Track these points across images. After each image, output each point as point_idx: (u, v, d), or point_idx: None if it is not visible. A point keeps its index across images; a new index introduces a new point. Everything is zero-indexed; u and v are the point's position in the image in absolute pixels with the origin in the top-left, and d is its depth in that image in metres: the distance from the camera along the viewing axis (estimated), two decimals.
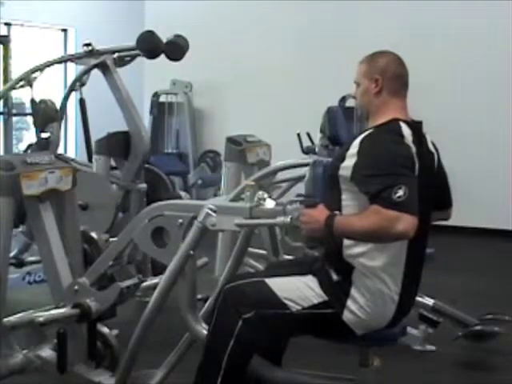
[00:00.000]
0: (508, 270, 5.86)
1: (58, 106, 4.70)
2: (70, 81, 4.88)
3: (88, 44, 4.48)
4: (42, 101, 4.84)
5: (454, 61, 7.33)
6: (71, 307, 2.73)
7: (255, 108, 8.17)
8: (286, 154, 4.23)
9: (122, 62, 4.60)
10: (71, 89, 4.59)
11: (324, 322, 2.44)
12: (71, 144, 9.75)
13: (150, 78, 8.58)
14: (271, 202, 2.46)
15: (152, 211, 2.64)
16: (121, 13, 9.83)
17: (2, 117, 6.49)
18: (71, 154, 9.11)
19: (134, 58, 4.64)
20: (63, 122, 5.07)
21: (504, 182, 7.09)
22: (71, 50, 9.30)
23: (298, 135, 7.00)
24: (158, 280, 2.72)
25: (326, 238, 2.36)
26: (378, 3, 7.53)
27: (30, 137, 8.77)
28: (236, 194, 3.10)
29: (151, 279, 3.91)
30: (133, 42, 4.43)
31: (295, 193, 3.03)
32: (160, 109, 8.70)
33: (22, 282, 4.33)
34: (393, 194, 2.20)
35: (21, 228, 4.29)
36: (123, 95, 4.50)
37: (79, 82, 4.51)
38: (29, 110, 5.34)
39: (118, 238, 2.78)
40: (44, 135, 4.71)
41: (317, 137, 6.89)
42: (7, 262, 2.88)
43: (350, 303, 2.40)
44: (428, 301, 3.85)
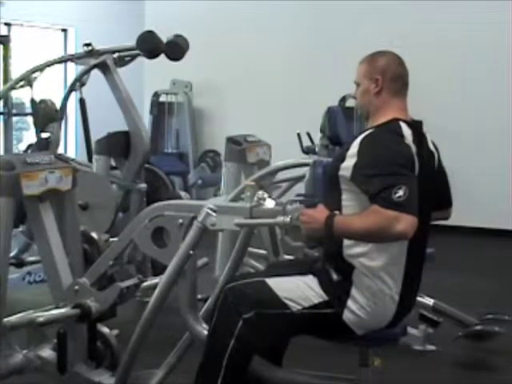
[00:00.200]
0: (508, 270, 5.86)
1: (58, 106, 4.71)
2: (70, 81, 4.87)
3: (88, 44, 4.48)
4: (42, 101, 4.85)
5: (454, 61, 7.33)
6: (71, 307, 2.72)
7: (255, 108, 8.17)
8: (285, 153, 4.22)
9: (122, 62, 4.60)
10: (71, 89, 4.58)
11: (324, 322, 2.45)
12: (71, 144, 9.75)
13: (150, 77, 8.58)
14: (271, 202, 2.46)
15: (152, 211, 2.64)
16: (121, 13, 9.83)
17: (1, 117, 6.48)
18: (71, 153, 9.12)
19: (134, 57, 4.64)
20: (63, 121, 5.08)
21: (504, 181, 7.09)
22: (71, 50, 9.31)
23: (298, 135, 7.00)
24: (158, 280, 2.72)
25: (325, 238, 2.36)
26: (378, 3, 7.53)
27: (29, 137, 8.76)
28: (236, 193, 3.10)
29: (151, 279, 3.91)
30: (133, 42, 4.43)
31: (295, 193, 3.03)
32: (160, 109, 8.70)
33: (22, 281, 4.33)
34: (392, 193, 2.20)
35: (21, 228, 4.30)
36: (123, 95, 4.50)
37: (79, 81, 4.51)
38: (29, 110, 5.35)
39: (119, 239, 2.78)
40: (44, 135, 4.72)
41: (317, 137, 6.91)
42: (7, 262, 2.88)
43: (350, 303, 2.41)
44: (428, 301, 3.85)
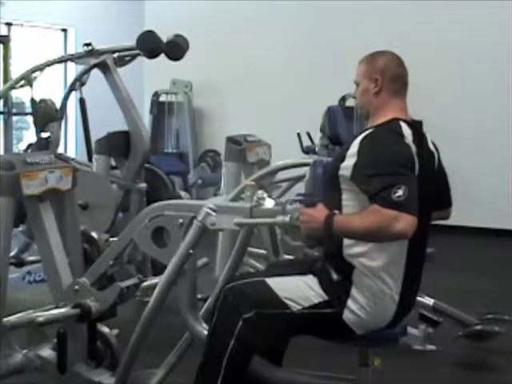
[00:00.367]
0: (508, 269, 5.86)
1: (58, 105, 4.71)
2: (70, 81, 4.87)
3: (88, 44, 4.47)
4: (42, 100, 4.84)
5: (454, 61, 7.33)
6: (71, 307, 2.72)
7: (255, 108, 8.17)
8: (285, 153, 4.22)
9: (122, 62, 4.60)
10: (71, 88, 4.58)
11: (324, 322, 2.45)
12: (71, 144, 9.75)
13: (150, 77, 8.58)
14: (270, 202, 2.46)
15: (152, 211, 2.64)
16: (121, 13, 9.83)
17: (1, 116, 6.49)
18: (71, 153, 9.11)
19: (134, 57, 4.64)
20: (63, 121, 5.08)
21: (504, 181, 7.09)
22: (71, 50, 9.30)
23: (298, 135, 7.01)
24: (158, 280, 2.72)
25: (325, 237, 2.36)
26: (378, 3, 7.53)
27: (29, 136, 8.76)
28: (236, 193, 3.10)
29: (151, 279, 3.91)
30: (133, 42, 4.43)
31: (295, 193, 3.03)
32: (160, 108, 8.70)
33: (22, 281, 4.33)
34: (392, 193, 2.20)
35: (21, 228, 4.30)
36: (123, 95, 4.50)
37: (79, 81, 4.51)
38: (29, 110, 5.35)
39: (119, 238, 2.78)
40: (44, 135, 4.71)
41: (317, 136, 6.91)
42: (7, 262, 2.88)
43: (350, 303, 2.41)
44: (428, 301, 3.85)
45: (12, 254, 4.19)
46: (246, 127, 5.06)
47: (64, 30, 9.91)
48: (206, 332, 2.58)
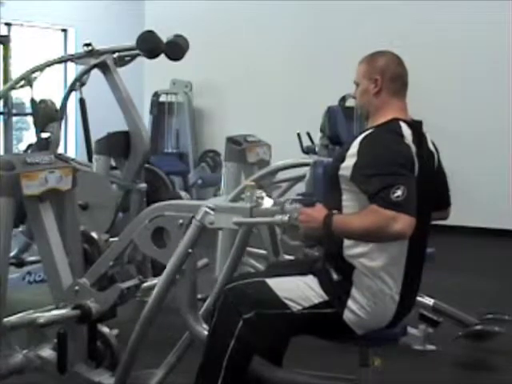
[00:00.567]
0: (508, 270, 5.86)
1: (58, 105, 4.71)
2: (70, 81, 4.87)
3: (88, 44, 4.48)
4: (42, 101, 4.85)
5: (454, 61, 7.33)
6: (72, 308, 2.72)
7: (255, 108, 8.17)
8: (285, 153, 4.21)
9: (122, 62, 4.60)
10: (71, 89, 4.58)
11: (324, 322, 2.45)
12: (71, 144, 9.75)
13: (150, 77, 8.58)
14: (269, 201, 2.46)
15: (152, 211, 2.64)
16: (121, 13, 9.83)
17: (2, 117, 6.48)
18: (71, 153, 9.12)
19: (134, 57, 4.64)
20: (63, 121, 5.08)
21: (504, 181, 7.09)
22: (71, 50, 9.31)
23: (298, 135, 7.01)
24: (158, 280, 2.72)
25: (324, 237, 2.36)
26: (378, 3, 7.53)
27: (29, 137, 8.76)
28: (236, 193, 3.09)
29: (151, 280, 3.91)
30: (133, 42, 4.43)
31: (295, 193, 3.03)
32: (160, 108, 8.70)
33: (22, 281, 4.34)
34: (391, 193, 2.20)
35: (21, 228, 4.30)
36: (123, 95, 4.50)
37: (79, 81, 4.51)
38: (29, 110, 5.35)
39: (119, 239, 2.77)
40: (44, 135, 4.72)
41: (317, 136, 6.91)
42: (7, 262, 2.88)
43: (350, 303, 2.41)
44: (428, 301, 3.85)
45: (12, 254, 4.19)
46: (246, 127, 5.07)
47: (64, 30, 9.91)
48: (205, 332, 2.58)
